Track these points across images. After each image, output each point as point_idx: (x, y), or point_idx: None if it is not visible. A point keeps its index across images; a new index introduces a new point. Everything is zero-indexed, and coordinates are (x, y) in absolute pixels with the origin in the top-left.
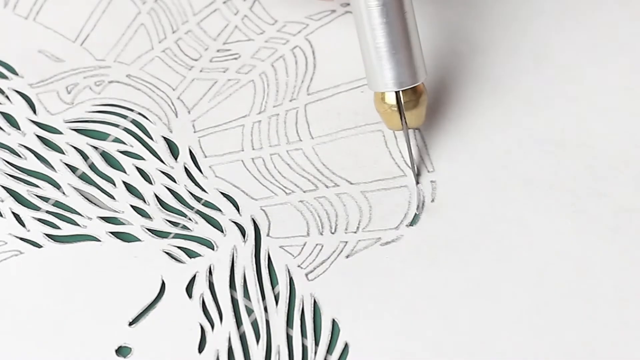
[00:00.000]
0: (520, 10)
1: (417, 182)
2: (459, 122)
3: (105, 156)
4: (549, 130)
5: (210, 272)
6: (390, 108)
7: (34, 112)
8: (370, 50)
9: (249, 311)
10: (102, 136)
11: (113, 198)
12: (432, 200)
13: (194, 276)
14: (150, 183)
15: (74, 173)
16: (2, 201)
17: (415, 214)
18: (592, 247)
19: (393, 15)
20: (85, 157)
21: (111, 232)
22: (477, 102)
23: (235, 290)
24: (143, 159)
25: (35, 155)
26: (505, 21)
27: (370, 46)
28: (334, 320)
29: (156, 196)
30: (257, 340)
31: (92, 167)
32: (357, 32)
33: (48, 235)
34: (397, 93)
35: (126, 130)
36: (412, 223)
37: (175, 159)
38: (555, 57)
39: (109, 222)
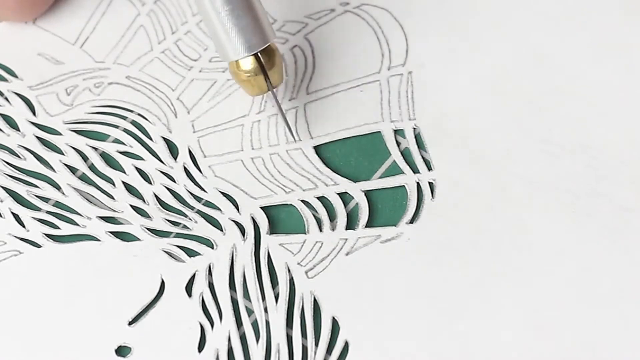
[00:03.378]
0: (520, 10)
1: (295, 140)
2: (458, 120)
3: (105, 157)
4: (549, 130)
5: (209, 271)
6: (246, 74)
7: (34, 113)
8: (214, 22)
9: (249, 310)
10: (102, 137)
11: (112, 198)
12: (432, 199)
13: (194, 275)
14: (150, 183)
15: (73, 173)
16: (2, 201)
17: (415, 211)
18: (592, 247)
19: None
20: (84, 157)
21: (111, 232)
22: (477, 102)
23: (235, 289)
24: (142, 159)
25: (34, 156)
26: (505, 21)
27: (213, 18)
28: (334, 318)
29: (156, 196)
30: (257, 339)
31: (92, 167)
32: (199, 10)
33: (48, 235)
34: (256, 55)
35: (125, 130)
36: (411, 221)
37: (175, 159)
38: (555, 57)
39: (109, 222)
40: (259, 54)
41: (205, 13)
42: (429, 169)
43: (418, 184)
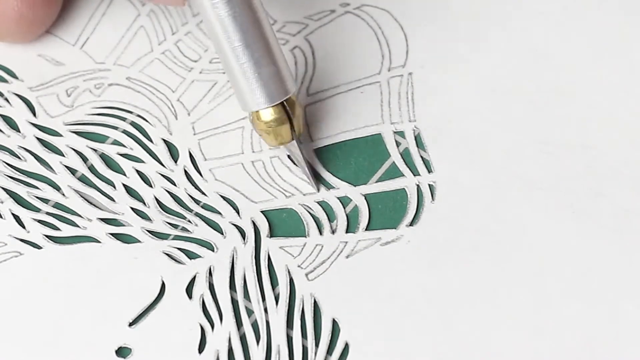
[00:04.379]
0: (520, 10)
1: (318, 190)
2: (458, 122)
3: (105, 159)
4: (549, 130)
5: (210, 273)
6: (266, 125)
7: (34, 114)
8: (235, 71)
9: (249, 312)
10: (102, 138)
11: (113, 200)
12: (432, 201)
13: (194, 277)
14: (150, 186)
15: (73, 175)
16: (2, 202)
17: (415, 214)
18: (592, 248)
19: (251, 34)
20: (85, 159)
21: (111, 234)
22: (477, 102)
23: (235, 291)
24: (143, 161)
25: (35, 157)
26: (506, 22)
27: (234, 67)
28: (334, 320)
29: (156, 199)
30: (257, 341)
31: (92, 169)
32: (219, 56)
33: (48, 237)
34: (283, 104)
35: (126, 132)
36: (412, 223)
37: (175, 161)
38: (555, 57)
39: (109, 224)
40: (285, 103)
41: (227, 62)
42: (429, 170)
43: (418, 186)
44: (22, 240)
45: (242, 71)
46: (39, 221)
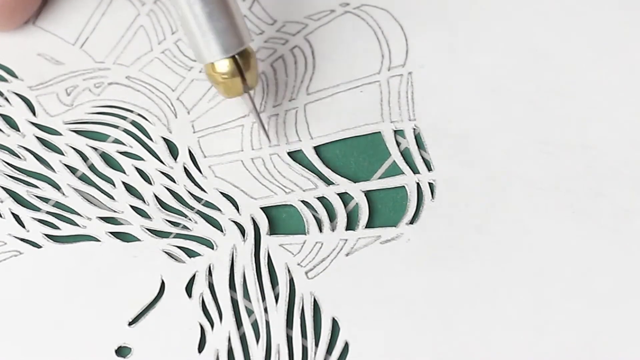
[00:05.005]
0: (520, 10)
1: (270, 141)
2: (458, 121)
3: (105, 157)
4: (549, 130)
5: (210, 272)
6: (222, 76)
7: (34, 114)
8: (191, 25)
9: (249, 311)
10: (102, 137)
11: (112, 198)
12: (432, 199)
13: (194, 276)
14: (150, 184)
15: (73, 174)
16: (2, 202)
17: (415, 212)
18: (592, 247)
19: None
20: (84, 158)
21: (111, 232)
22: (477, 102)
23: (235, 290)
24: (142, 159)
25: (34, 156)
26: (505, 21)
27: (190, 21)
28: (334, 319)
29: (156, 196)
30: (257, 340)
31: (92, 168)
32: (176, 12)
33: (48, 236)
34: (234, 58)
35: (125, 131)
36: (411, 221)
37: (175, 159)
38: (555, 57)
39: (109, 222)
40: (236, 57)
41: (183, 15)
42: (429, 169)
43: (418, 184)
44: (21, 239)
45: (198, 24)
46: (39, 220)
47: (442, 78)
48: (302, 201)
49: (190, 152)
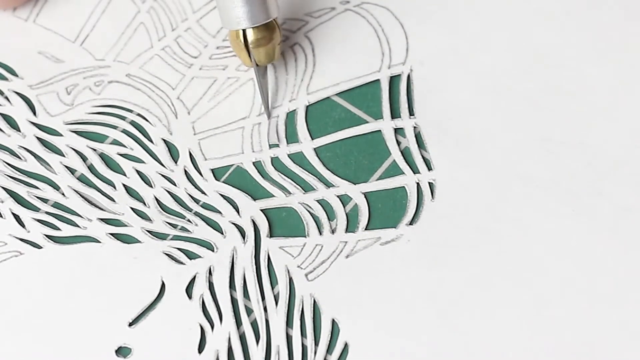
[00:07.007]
0: (520, 9)
1: (269, 117)
2: (459, 121)
3: (105, 159)
4: (549, 130)
5: (210, 273)
6: (248, 44)
7: (34, 113)
8: None
9: (249, 311)
10: (102, 138)
11: (113, 200)
12: (432, 199)
13: (194, 277)
14: (151, 186)
15: (73, 175)
16: (2, 202)
17: (415, 213)
18: (592, 246)
19: None
20: (85, 159)
21: (111, 234)
22: (478, 100)
23: (235, 291)
24: (143, 162)
25: (35, 157)
26: (506, 20)
27: None
28: (333, 320)
29: (156, 199)
30: (257, 341)
31: (92, 169)
32: None
33: (48, 236)
34: (243, 30)
35: (126, 132)
36: (411, 222)
37: (175, 162)
38: (555, 57)
39: (109, 224)
40: (246, 30)
41: None
42: (429, 168)
43: (418, 184)
44: (22, 239)
45: None
46: (39, 221)
47: (443, 76)
48: (302, 203)
49: (190, 154)
